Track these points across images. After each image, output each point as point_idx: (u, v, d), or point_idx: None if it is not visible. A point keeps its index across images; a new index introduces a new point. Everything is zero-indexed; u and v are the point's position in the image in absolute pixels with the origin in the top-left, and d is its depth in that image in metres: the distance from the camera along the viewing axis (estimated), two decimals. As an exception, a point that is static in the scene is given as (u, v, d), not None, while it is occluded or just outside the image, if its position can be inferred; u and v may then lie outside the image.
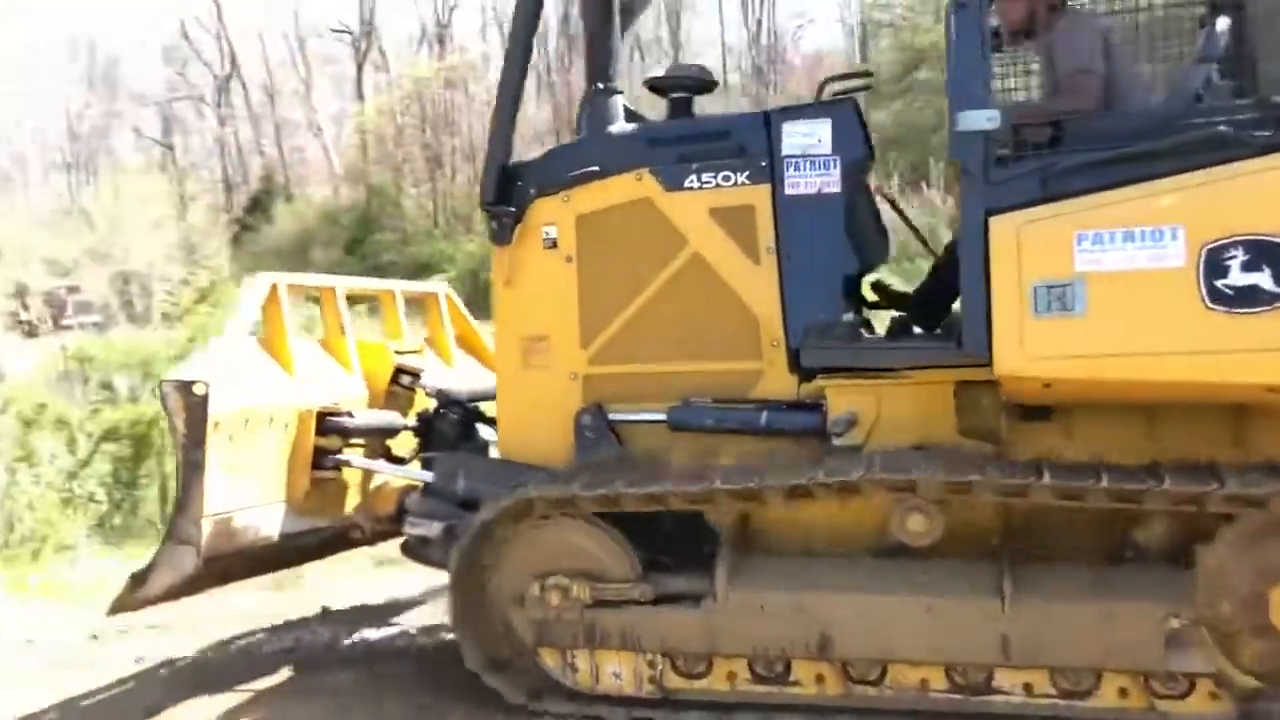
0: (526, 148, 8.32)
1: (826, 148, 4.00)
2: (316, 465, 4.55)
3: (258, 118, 39.81)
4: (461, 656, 3.99)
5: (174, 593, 4.23)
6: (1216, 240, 3.17)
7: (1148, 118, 3.57)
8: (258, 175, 38.42)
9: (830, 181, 4.00)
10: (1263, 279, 3.13)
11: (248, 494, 4.28)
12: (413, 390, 5.08)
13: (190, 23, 41.97)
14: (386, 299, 5.48)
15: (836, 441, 3.83)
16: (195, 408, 4.03)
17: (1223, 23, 3.67)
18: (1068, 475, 3.36)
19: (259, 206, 34.40)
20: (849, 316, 4.06)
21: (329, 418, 4.58)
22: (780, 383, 4.03)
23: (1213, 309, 3.17)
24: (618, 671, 3.91)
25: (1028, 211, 3.37)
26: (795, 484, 3.59)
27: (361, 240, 29.03)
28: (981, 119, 3.46)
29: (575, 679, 3.96)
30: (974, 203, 3.46)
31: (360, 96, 37.43)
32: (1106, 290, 3.26)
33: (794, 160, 4.02)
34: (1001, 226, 3.37)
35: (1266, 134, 3.25)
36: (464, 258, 24.73)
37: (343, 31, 39.80)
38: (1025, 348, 3.32)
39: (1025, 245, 3.33)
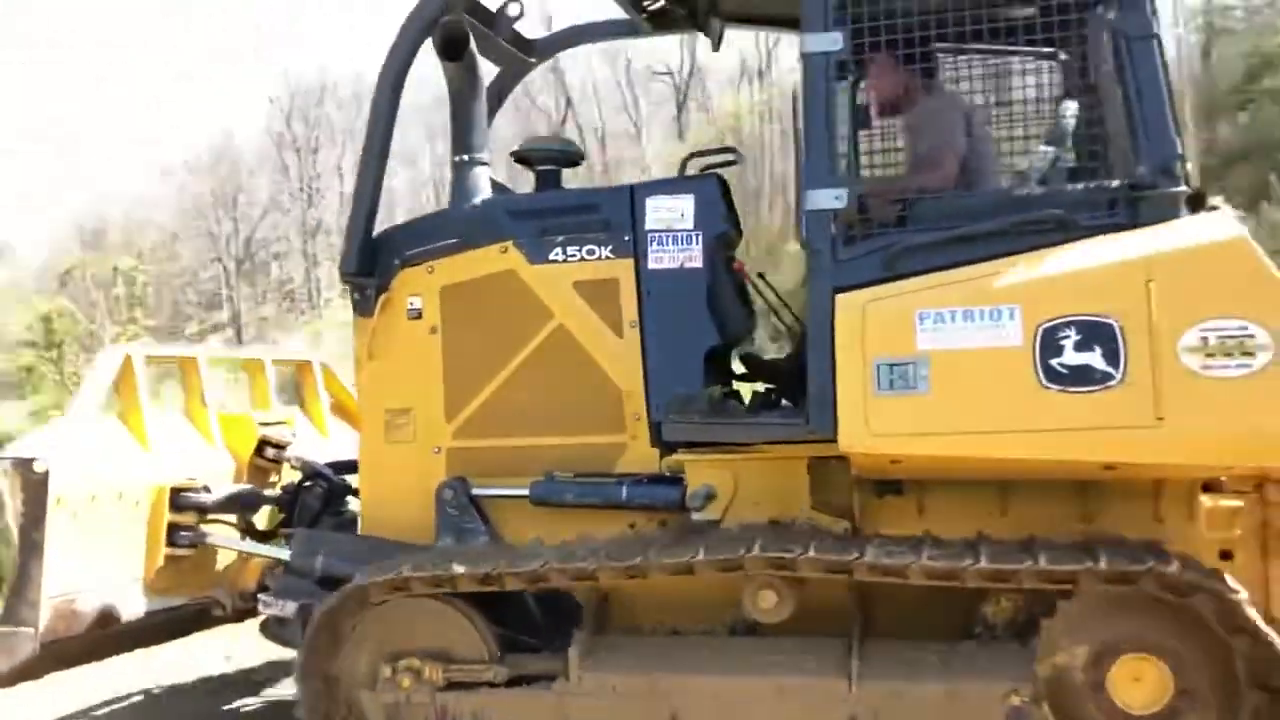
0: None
1: (689, 223, 4.03)
2: (171, 542, 4.40)
3: (591, 161, 40.11)
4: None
5: (9, 678, 4.03)
6: (1051, 320, 3.24)
7: (992, 198, 3.65)
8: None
9: (693, 256, 4.02)
10: (1094, 358, 3.20)
11: (93, 574, 4.11)
12: (278, 462, 4.96)
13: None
14: (254, 368, 5.36)
15: (695, 516, 3.80)
16: (34, 486, 3.87)
17: (1069, 106, 3.77)
18: (889, 552, 3.36)
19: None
20: (713, 390, 4.05)
21: (183, 493, 4.44)
22: (643, 456, 4.01)
23: (1048, 388, 3.22)
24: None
25: (872, 290, 3.41)
26: (626, 565, 3.53)
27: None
28: (829, 198, 3.51)
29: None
30: (821, 280, 3.50)
31: (680, 137, 36.96)
32: (947, 369, 3.30)
33: (657, 235, 4.04)
34: (846, 304, 3.40)
35: (1099, 216, 3.35)
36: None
37: (664, 74, 40.79)
38: (869, 425, 3.34)
39: (869, 323, 3.37)
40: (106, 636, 4.26)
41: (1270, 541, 3.66)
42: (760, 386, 4.46)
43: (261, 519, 4.86)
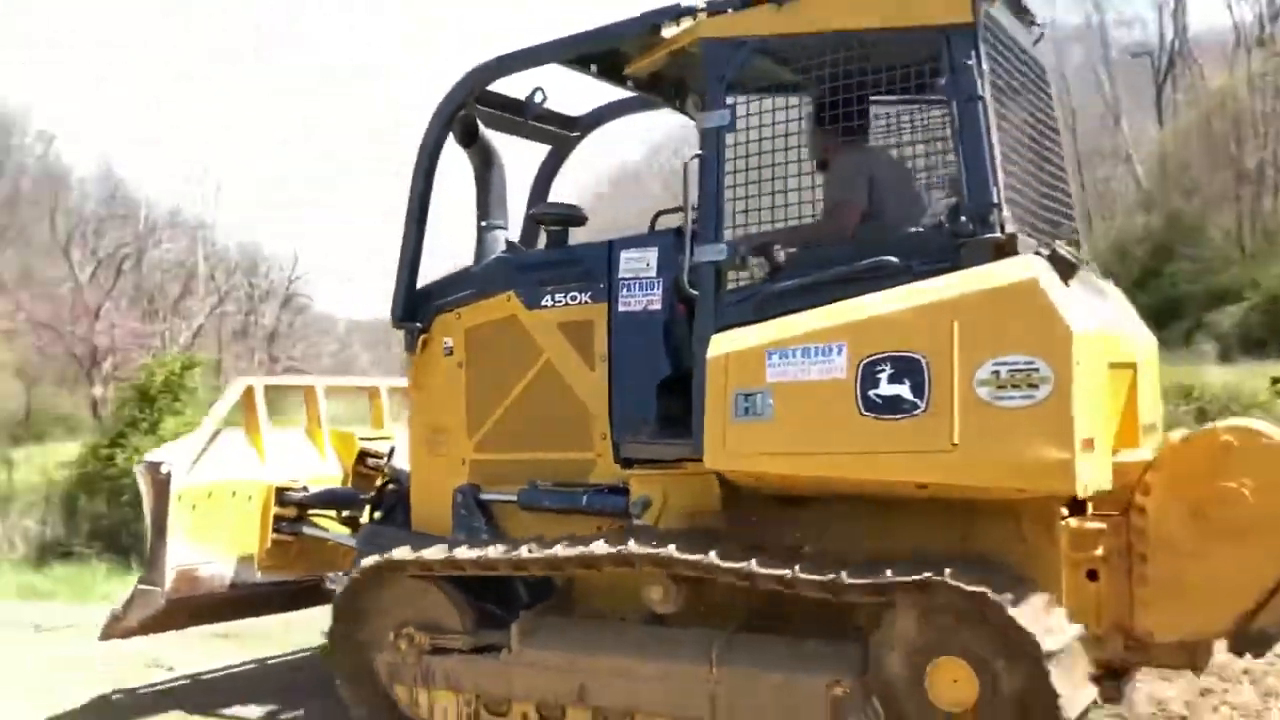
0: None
1: (653, 271, 4.72)
2: (275, 530, 5.60)
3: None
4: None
5: (148, 627, 5.35)
6: (871, 356, 3.68)
7: (846, 247, 4.09)
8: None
9: (654, 300, 4.70)
10: (904, 390, 3.62)
11: (212, 552, 5.37)
12: (377, 470, 6.07)
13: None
14: (372, 393, 6.54)
15: (635, 521, 4.47)
16: (159, 484, 5.19)
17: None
18: (724, 556, 3.86)
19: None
20: (668, 413, 4.69)
21: (286, 491, 5.64)
22: (609, 470, 4.69)
23: (865, 415, 3.67)
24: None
25: (739, 330, 3.98)
26: (538, 558, 4.27)
27: (1157, 272, 25.63)
28: (713, 252, 4.12)
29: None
30: (705, 321, 4.11)
31: (1159, 120, 34.31)
32: (788, 398, 3.82)
33: (627, 282, 4.76)
34: (716, 342, 3.99)
35: (928, 261, 3.75)
36: (1273, 282, 21.30)
37: (1142, 55, 36.37)
38: (727, 446, 3.92)
39: (730, 359, 3.94)
40: (224, 600, 5.52)
41: (1135, 564, 3.85)
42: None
43: (365, 516, 5.98)
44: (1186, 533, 3.78)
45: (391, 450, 6.12)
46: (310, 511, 5.75)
